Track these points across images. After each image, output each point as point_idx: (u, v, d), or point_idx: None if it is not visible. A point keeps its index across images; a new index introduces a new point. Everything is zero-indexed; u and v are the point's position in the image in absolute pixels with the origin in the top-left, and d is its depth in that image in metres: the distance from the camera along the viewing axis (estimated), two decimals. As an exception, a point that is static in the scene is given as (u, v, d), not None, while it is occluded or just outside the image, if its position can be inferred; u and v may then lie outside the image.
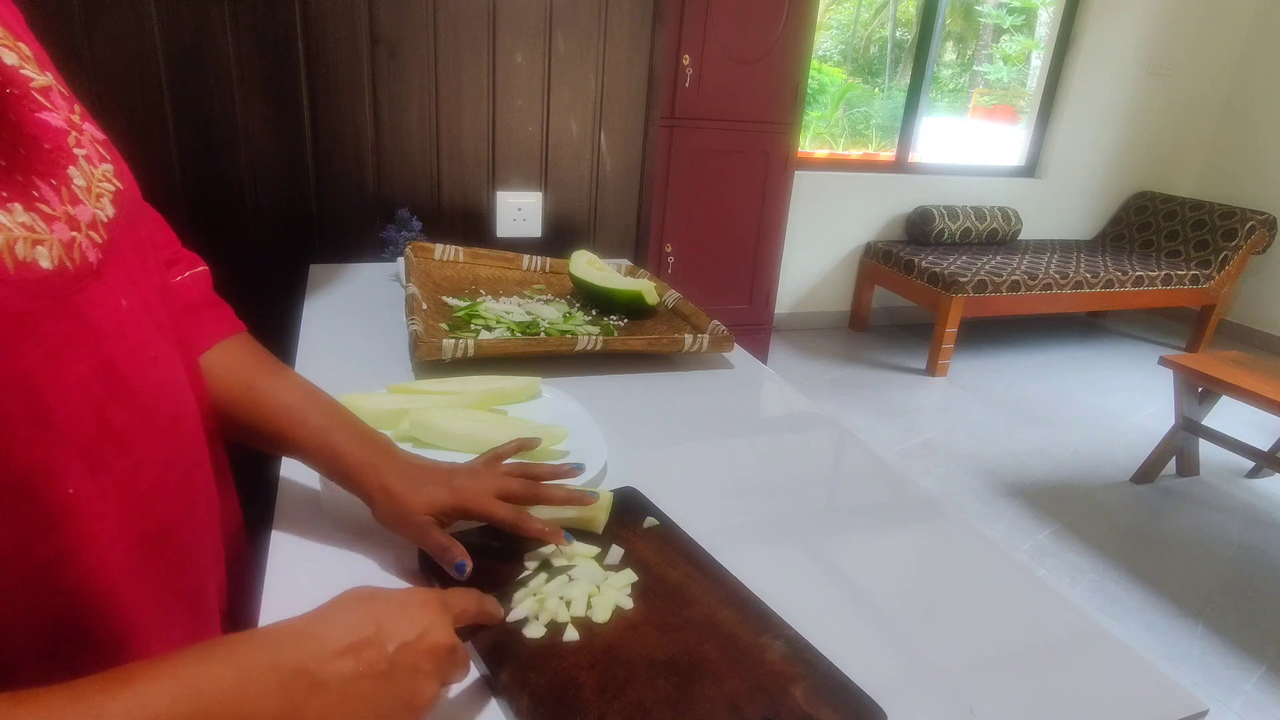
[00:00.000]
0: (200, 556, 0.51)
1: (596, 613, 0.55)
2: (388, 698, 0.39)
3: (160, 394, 0.45)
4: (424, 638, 0.41)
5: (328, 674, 0.38)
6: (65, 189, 0.40)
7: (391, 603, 0.43)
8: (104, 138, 0.46)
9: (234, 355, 0.63)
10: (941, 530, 0.76)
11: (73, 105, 0.45)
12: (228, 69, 1.30)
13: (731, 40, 2.83)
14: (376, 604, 0.42)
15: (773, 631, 0.55)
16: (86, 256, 0.40)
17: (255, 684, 0.36)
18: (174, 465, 0.46)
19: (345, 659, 0.38)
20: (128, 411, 0.42)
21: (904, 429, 3.05)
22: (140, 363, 0.43)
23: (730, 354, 1.14)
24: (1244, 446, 2.53)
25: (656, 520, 0.68)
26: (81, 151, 0.43)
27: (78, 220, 0.40)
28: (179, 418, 0.47)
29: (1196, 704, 0.54)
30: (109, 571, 0.40)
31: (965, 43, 5.42)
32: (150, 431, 0.44)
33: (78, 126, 0.44)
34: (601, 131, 1.57)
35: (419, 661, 0.41)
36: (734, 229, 3.15)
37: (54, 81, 0.44)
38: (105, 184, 0.44)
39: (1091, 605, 2.06)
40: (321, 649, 0.38)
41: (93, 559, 0.39)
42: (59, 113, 0.43)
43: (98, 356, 0.40)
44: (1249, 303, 4.53)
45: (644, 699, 0.49)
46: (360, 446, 0.61)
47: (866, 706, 0.50)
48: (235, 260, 1.41)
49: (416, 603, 0.43)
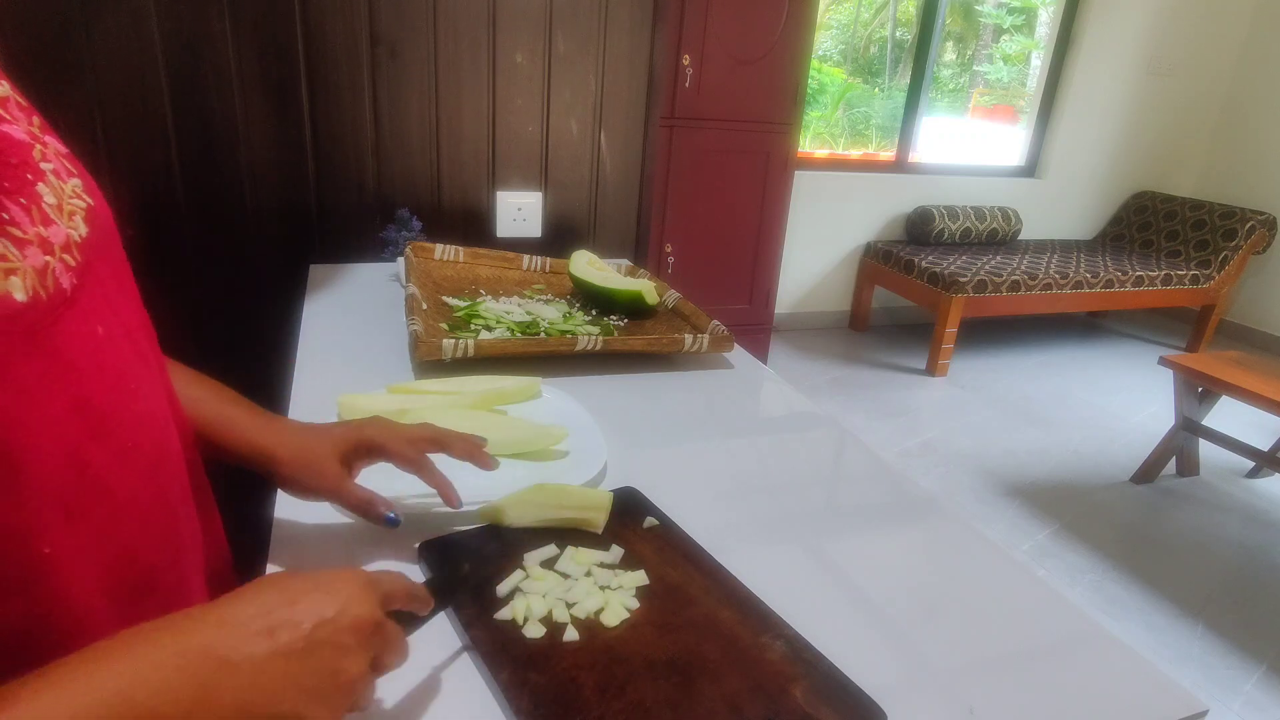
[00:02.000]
0: (188, 601, 0.47)
1: (607, 617, 0.55)
2: (310, 676, 0.38)
3: (141, 430, 0.42)
4: (344, 614, 0.40)
5: (239, 655, 0.36)
6: (35, 208, 0.37)
7: (310, 580, 0.41)
8: (67, 151, 0.43)
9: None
10: (941, 530, 0.76)
11: (31, 117, 0.42)
12: (228, 69, 1.30)
13: (731, 40, 2.83)
14: (294, 582, 0.40)
15: (773, 631, 0.55)
16: (60, 282, 0.37)
17: (159, 671, 0.34)
18: (158, 506, 0.44)
19: (259, 640, 0.37)
20: (107, 452, 0.39)
21: (904, 429, 3.05)
22: (120, 397, 0.40)
23: (730, 354, 1.14)
24: (1244, 446, 2.53)
25: (656, 520, 0.68)
26: (49, 166, 0.40)
27: (51, 243, 0.37)
28: (162, 454, 0.45)
29: (1196, 704, 0.54)
30: (88, 632, 0.37)
31: (965, 43, 5.42)
32: (132, 472, 0.41)
33: (40, 139, 0.41)
34: (601, 131, 1.57)
35: (340, 638, 0.39)
36: (734, 229, 3.15)
37: (10, 91, 0.41)
38: (76, 200, 0.41)
39: (1091, 605, 2.06)
40: (232, 631, 0.37)
41: (69, 622, 0.36)
42: (18, 124, 0.39)
43: (72, 393, 0.37)
44: (1249, 303, 4.53)
45: (644, 699, 0.49)
46: (255, 414, 0.60)
47: (866, 706, 0.50)
48: (235, 260, 1.41)
49: (336, 579, 0.41)
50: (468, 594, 0.56)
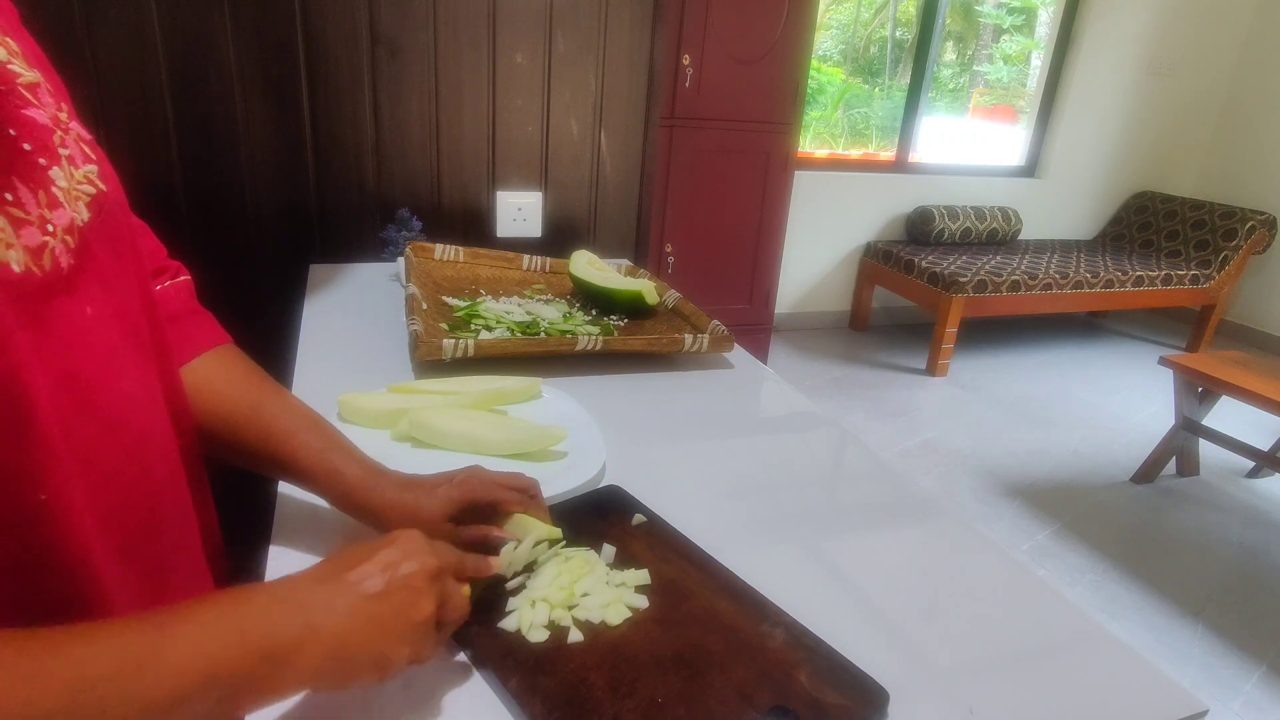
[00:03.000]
0: (174, 573, 0.49)
1: (611, 616, 0.55)
2: (391, 617, 0.43)
3: (128, 408, 0.44)
4: (411, 561, 0.45)
5: (334, 603, 0.42)
6: (43, 191, 0.39)
7: (374, 544, 0.46)
8: (90, 138, 0.45)
9: (232, 371, 0.62)
10: (941, 530, 0.76)
11: (60, 103, 0.44)
12: (228, 69, 1.30)
13: (731, 40, 2.83)
14: (361, 548, 0.46)
15: (771, 620, 0.56)
16: (58, 262, 0.39)
17: (266, 615, 0.39)
18: (143, 482, 0.45)
19: (348, 589, 0.43)
20: (93, 425, 0.41)
21: (904, 429, 3.05)
22: (107, 375, 0.42)
23: (730, 354, 1.14)
24: (1244, 446, 2.53)
25: (644, 517, 0.68)
26: (65, 151, 0.42)
27: (54, 224, 0.39)
28: (147, 433, 0.46)
29: (1196, 704, 0.54)
30: (96, 570, 0.40)
31: (965, 43, 5.42)
32: (117, 447, 0.43)
33: (64, 125, 0.43)
34: (601, 131, 1.57)
35: (412, 582, 0.45)
36: (734, 229, 3.15)
37: (42, 79, 0.43)
38: (85, 186, 0.43)
39: (1091, 605, 2.06)
40: (325, 583, 0.43)
41: (77, 556, 0.39)
42: (45, 110, 0.42)
43: (62, 367, 0.39)
44: (1249, 303, 4.53)
45: (656, 694, 0.49)
46: (358, 467, 0.60)
47: (869, 687, 0.50)
48: (235, 260, 1.41)
49: (401, 536, 0.47)
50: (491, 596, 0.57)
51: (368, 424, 0.81)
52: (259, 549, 0.63)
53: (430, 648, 0.46)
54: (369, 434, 0.79)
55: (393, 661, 0.43)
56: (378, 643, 0.42)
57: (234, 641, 0.37)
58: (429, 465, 0.66)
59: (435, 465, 0.65)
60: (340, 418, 0.81)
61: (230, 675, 0.36)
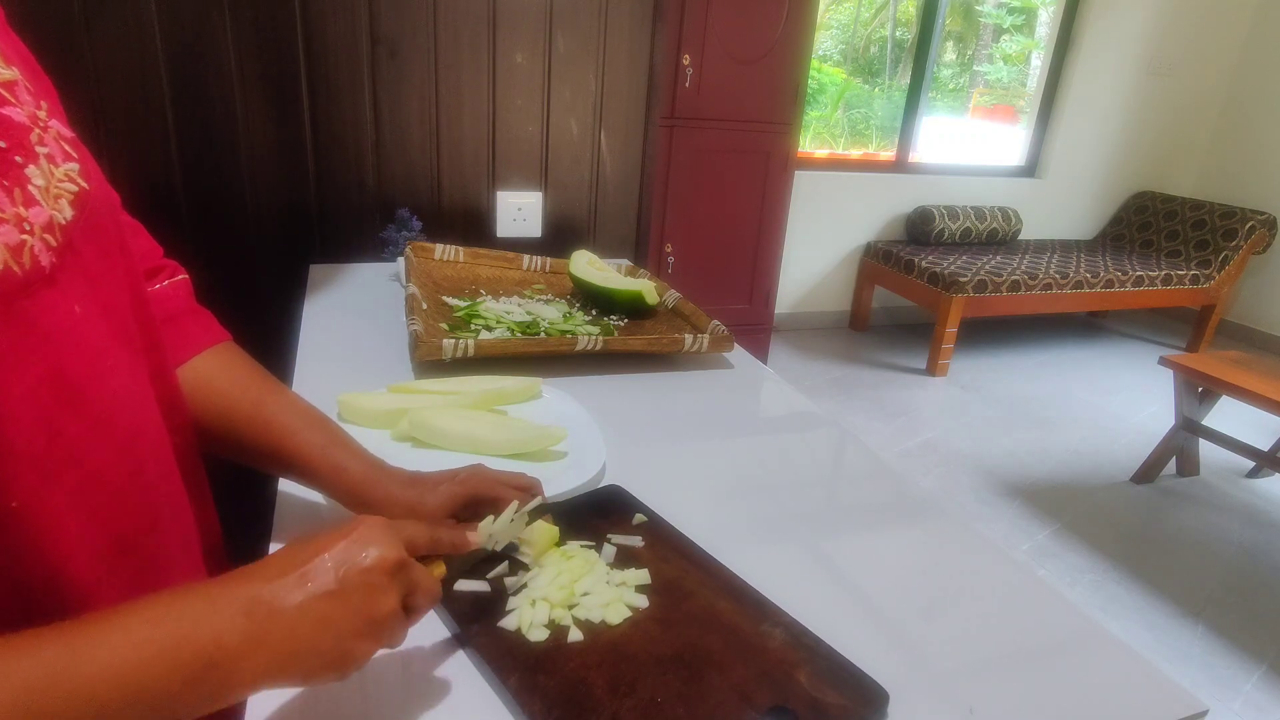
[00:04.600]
0: (170, 569, 0.49)
1: (611, 615, 0.55)
2: (346, 614, 0.41)
3: (116, 405, 0.44)
4: (369, 555, 0.42)
5: (282, 602, 0.39)
6: (19, 190, 0.39)
7: (335, 533, 0.44)
8: (72, 135, 0.45)
9: (233, 369, 0.62)
10: (941, 530, 0.76)
11: (40, 101, 0.43)
12: (228, 69, 1.30)
13: (731, 40, 2.83)
14: (321, 537, 0.44)
15: (771, 619, 0.56)
16: (38, 260, 0.38)
17: (215, 617, 0.37)
18: (134, 479, 0.45)
19: (296, 587, 0.40)
20: (80, 422, 0.40)
21: (904, 429, 3.05)
22: (94, 372, 0.42)
23: (730, 354, 1.14)
24: (1244, 446, 2.53)
25: (645, 516, 0.68)
26: (44, 150, 0.41)
27: (31, 223, 0.39)
28: (138, 430, 0.46)
29: (1196, 704, 0.54)
30: (76, 574, 0.39)
31: (965, 43, 5.42)
32: (106, 444, 0.42)
33: (42, 123, 0.42)
34: (601, 131, 1.57)
35: (369, 578, 0.42)
36: (734, 229, 3.15)
37: (20, 76, 0.43)
38: (66, 184, 0.42)
39: (1091, 605, 2.06)
40: (272, 581, 0.40)
41: (54, 562, 0.38)
42: (23, 108, 0.41)
43: (47, 364, 0.38)
44: (1249, 303, 4.53)
45: (656, 694, 0.49)
46: (362, 463, 0.60)
47: (869, 687, 0.50)
48: (235, 260, 1.41)
49: (358, 526, 0.44)
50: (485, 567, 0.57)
51: (368, 424, 0.81)
52: (259, 546, 0.63)
53: (400, 636, 0.44)
54: (369, 434, 0.79)
55: (354, 658, 0.41)
56: (330, 642, 0.40)
57: (167, 648, 0.35)
58: (429, 465, 0.66)
59: (435, 465, 0.65)
60: (340, 418, 0.81)
61: (158, 685, 0.35)
